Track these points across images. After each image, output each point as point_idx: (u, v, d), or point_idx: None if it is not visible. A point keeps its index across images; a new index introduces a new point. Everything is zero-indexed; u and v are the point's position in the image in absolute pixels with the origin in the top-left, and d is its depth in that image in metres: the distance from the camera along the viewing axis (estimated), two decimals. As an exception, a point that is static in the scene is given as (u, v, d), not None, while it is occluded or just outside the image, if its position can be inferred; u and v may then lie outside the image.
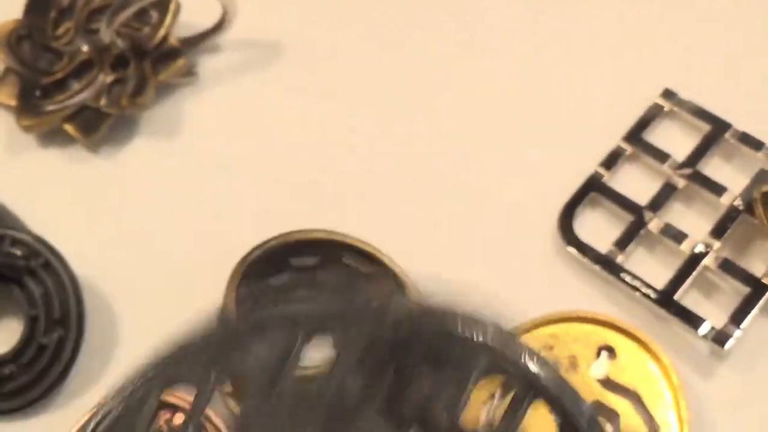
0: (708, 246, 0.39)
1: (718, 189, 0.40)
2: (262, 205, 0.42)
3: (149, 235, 0.42)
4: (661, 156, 0.41)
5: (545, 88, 0.43)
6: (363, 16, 0.46)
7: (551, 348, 0.37)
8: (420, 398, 0.28)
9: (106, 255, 0.41)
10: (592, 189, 0.41)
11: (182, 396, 0.34)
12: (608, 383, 0.36)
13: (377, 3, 0.46)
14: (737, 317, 0.37)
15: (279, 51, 0.45)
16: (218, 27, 0.45)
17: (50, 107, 0.44)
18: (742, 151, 0.41)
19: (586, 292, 0.39)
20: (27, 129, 0.44)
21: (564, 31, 0.45)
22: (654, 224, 0.39)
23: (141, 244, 0.41)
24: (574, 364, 0.36)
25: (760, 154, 0.40)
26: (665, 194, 0.40)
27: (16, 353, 0.39)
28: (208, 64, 0.45)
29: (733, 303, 0.38)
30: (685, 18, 0.45)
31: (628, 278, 0.38)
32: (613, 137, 0.42)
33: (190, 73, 0.45)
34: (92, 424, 0.28)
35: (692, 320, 0.37)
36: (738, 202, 0.39)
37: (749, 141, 0.41)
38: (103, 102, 0.44)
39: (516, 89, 0.43)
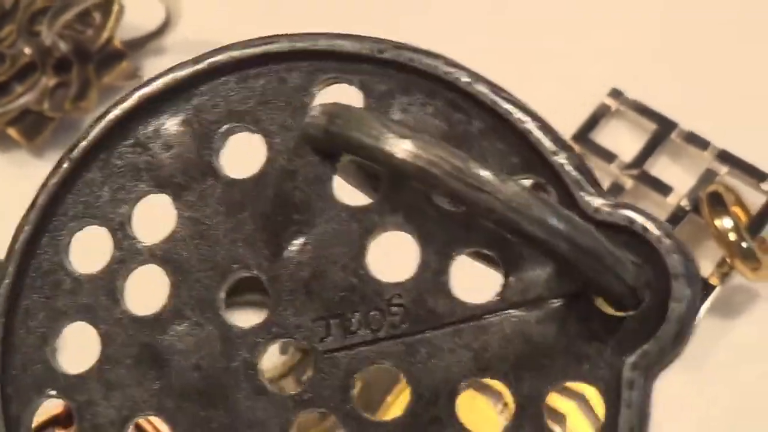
0: (655, 246, 0.39)
1: (664, 189, 0.40)
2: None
3: (92, 239, 0.41)
4: (609, 156, 0.41)
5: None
6: (307, 18, 0.46)
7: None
8: None
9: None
10: (541, 189, 0.41)
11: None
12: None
13: (321, 5, 0.46)
14: (684, 318, 0.37)
15: (224, 52, 0.45)
16: (162, 29, 0.45)
17: (-7, 111, 0.44)
18: (689, 151, 0.41)
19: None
20: (-31, 133, 0.44)
21: (510, 31, 0.45)
22: (601, 225, 0.39)
23: (84, 249, 0.41)
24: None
25: (706, 154, 0.40)
26: (613, 194, 0.40)
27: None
28: (152, 66, 0.45)
29: (679, 303, 0.38)
30: (632, 18, 0.45)
31: (575, 279, 0.38)
32: (560, 137, 0.41)
33: (134, 75, 0.45)
34: None
35: (639, 321, 0.37)
36: (685, 202, 0.39)
37: (695, 140, 0.41)
38: (46, 105, 0.43)
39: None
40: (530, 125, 0.23)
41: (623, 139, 0.42)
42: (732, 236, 0.37)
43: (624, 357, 0.21)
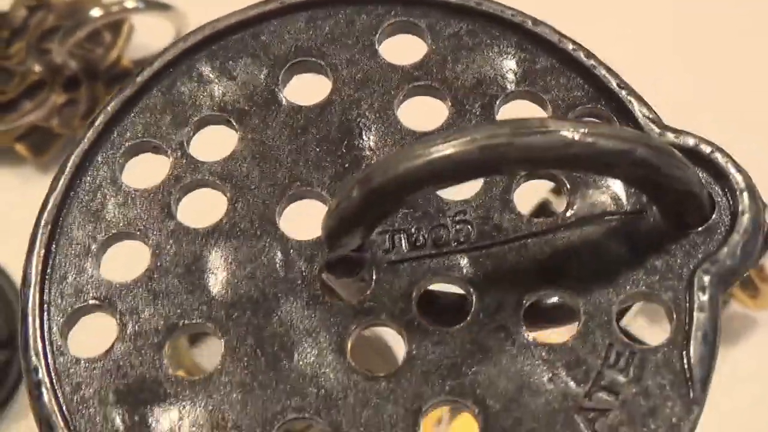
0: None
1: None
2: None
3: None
4: (610, 183, 0.41)
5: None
6: None
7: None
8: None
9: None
10: (542, 214, 0.41)
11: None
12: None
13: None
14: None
15: (232, 73, 0.45)
16: (171, 49, 0.46)
17: (1, 127, 0.44)
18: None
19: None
20: (-22, 148, 0.44)
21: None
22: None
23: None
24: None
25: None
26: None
27: (-38, 375, 0.39)
28: (160, 85, 0.45)
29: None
30: (630, 44, 0.45)
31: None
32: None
33: (142, 94, 0.45)
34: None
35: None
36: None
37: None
38: (54, 122, 0.44)
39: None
40: (595, 62, 0.25)
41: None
42: (731, 264, 0.38)
43: (693, 267, 0.22)
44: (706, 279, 0.22)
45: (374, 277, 0.23)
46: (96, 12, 0.44)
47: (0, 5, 0.47)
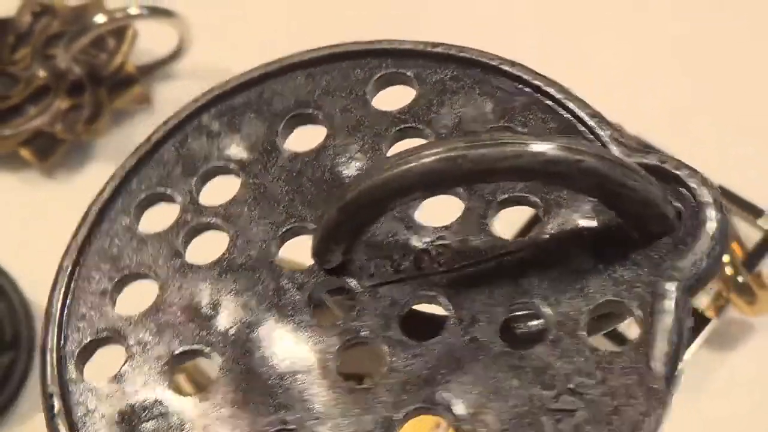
0: (652, 278, 0.39)
1: (663, 222, 0.40)
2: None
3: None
4: (609, 189, 0.41)
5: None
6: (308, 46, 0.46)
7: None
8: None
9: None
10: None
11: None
12: None
13: (333, 35, 0.46)
14: (679, 349, 0.38)
15: (234, 80, 0.46)
16: (174, 55, 0.46)
17: (6, 132, 0.44)
18: (687, 186, 0.41)
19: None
20: (-18, 153, 0.44)
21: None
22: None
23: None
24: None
25: (704, 189, 0.41)
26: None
27: (-34, 376, 0.39)
28: (163, 91, 0.46)
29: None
30: (633, 55, 0.46)
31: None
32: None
33: (145, 100, 0.46)
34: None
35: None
36: (682, 236, 0.40)
37: (694, 176, 0.41)
38: (58, 127, 0.44)
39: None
40: (567, 95, 0.26)
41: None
42: (728, 270, 0.38)
43: (660, 275, 0.23)
44: (672, 285, 0.23)
45: (358, 299, 0.24)
46: (100, 18, 0.44)
47: (5, 11, 0.47)
